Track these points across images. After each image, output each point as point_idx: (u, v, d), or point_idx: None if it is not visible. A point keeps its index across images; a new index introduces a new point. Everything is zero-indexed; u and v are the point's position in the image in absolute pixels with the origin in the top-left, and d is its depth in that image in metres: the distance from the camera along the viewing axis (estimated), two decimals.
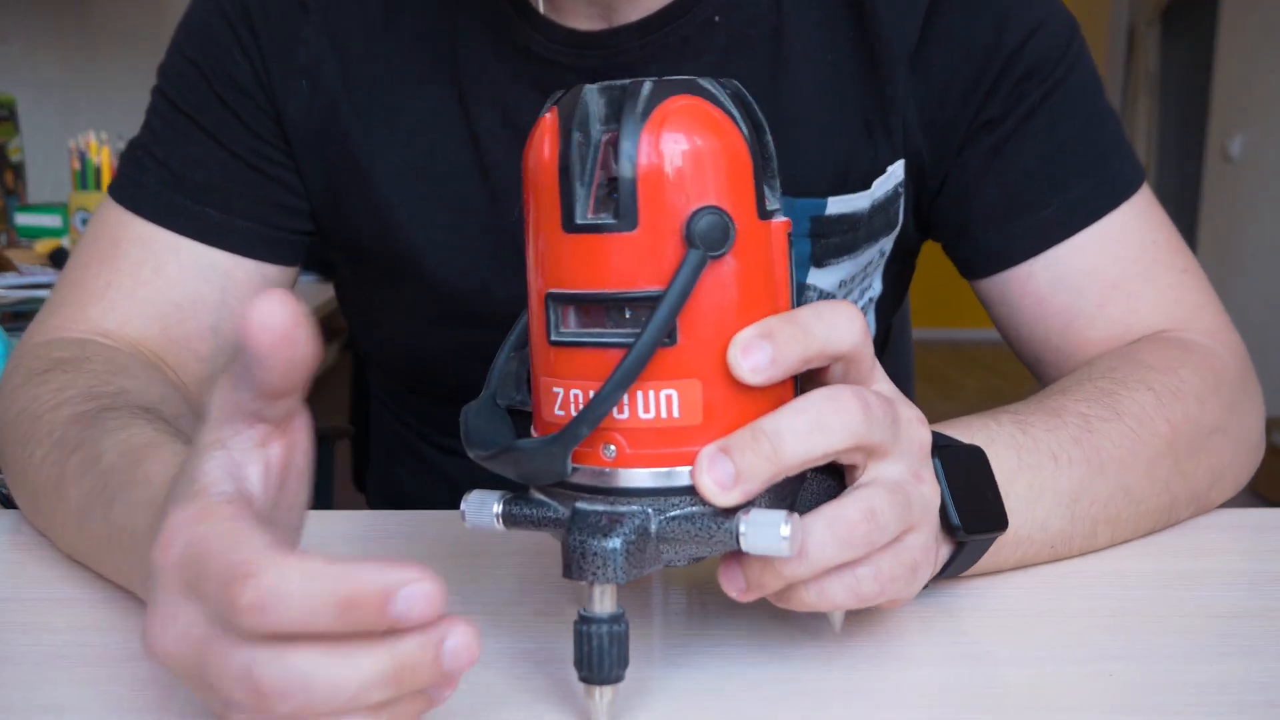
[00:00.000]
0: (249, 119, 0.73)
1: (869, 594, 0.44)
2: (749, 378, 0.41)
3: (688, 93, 0.41)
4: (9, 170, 2.18)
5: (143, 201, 0.73)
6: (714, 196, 0.41)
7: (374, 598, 0.34)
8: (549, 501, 0.44)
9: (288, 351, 0.36)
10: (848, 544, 0.42)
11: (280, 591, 0.34)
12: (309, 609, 0.34)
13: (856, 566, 0.43)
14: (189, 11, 0.76)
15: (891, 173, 0.71)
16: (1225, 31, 4.17)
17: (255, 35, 0.72)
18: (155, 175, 0.74)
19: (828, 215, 0.71)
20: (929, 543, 0.46)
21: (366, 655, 0.35)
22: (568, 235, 0.41)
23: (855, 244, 0.73)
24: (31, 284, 1.54)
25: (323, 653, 0.35)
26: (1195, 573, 0.59)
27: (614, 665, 0.41)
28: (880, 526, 0.43)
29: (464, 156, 0.72)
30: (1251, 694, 0.46)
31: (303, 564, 0.34)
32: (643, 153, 0.40)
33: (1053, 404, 0.61)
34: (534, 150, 0.43)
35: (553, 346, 0.42)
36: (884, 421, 0.43)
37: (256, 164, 0.74)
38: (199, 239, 0.73)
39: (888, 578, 0.44)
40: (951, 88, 0.70)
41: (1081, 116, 0.71)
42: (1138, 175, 0.73)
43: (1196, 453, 0.64)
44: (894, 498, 0.44)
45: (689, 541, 0.42)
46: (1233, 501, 0.69)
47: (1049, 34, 0.70)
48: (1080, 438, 0.58)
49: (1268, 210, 3.85)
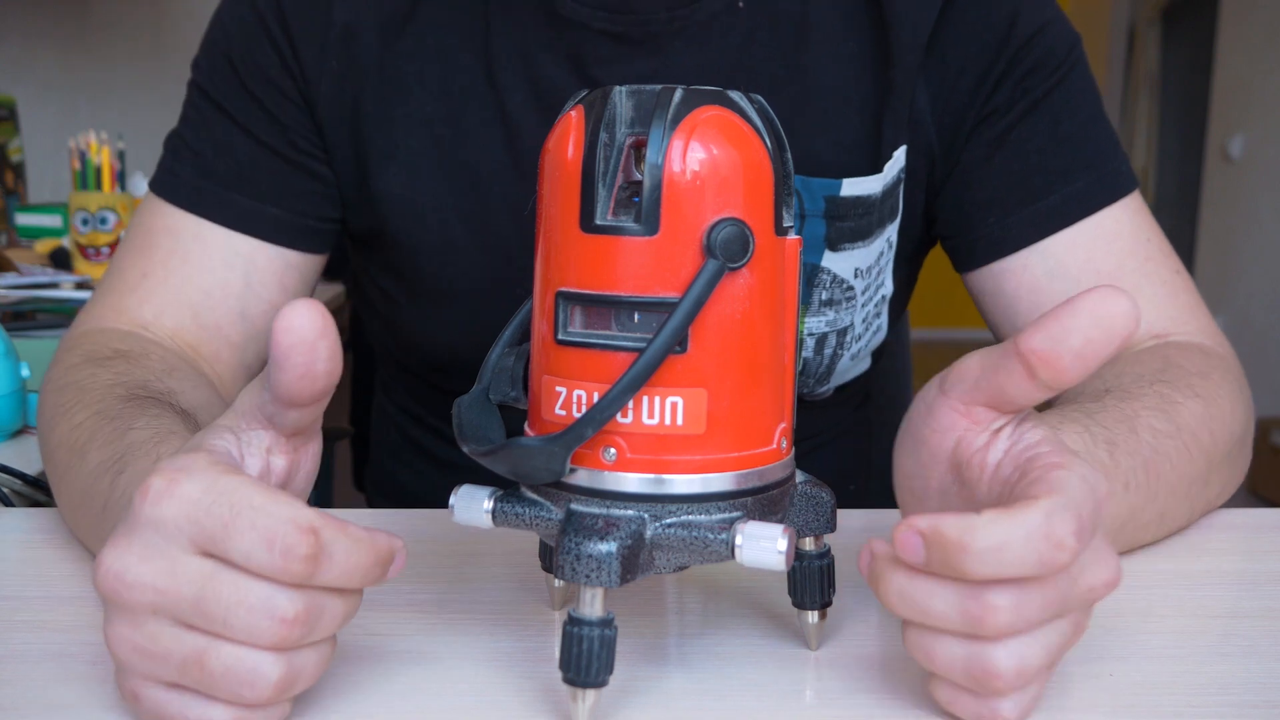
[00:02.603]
0: (278, 110, 0.75)
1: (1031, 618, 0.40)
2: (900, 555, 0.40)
3: (717, 104, 0.42)
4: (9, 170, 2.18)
5: (175, 190, 0.76)
6: (735, 209, 0.41)
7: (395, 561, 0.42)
8: (542, 501, 0.44)
9: (306, 358, 0.39)
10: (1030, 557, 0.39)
11: (339, 550, 0.39)
12: (355, 569, 0.40)
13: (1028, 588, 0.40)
14: (221, 4, 0.78)
15: (897, 158, 0.73)
16: (1225, 31, 4.17)
17: (285, 24, 0.74)
18: (190, 164, 0.76)
19: (843, 196, 0.72)
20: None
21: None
22: (585, 235, 0.41)
23: (869, 229, 0.74)
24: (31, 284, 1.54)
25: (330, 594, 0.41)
26: (1195, 573, 0.59)
27: (601, 669, 0.41)
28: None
29: (491, 130, 0.73)
30: (1251, 694, 0.46)
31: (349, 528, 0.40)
32: (670, 159, 0.40)
33: (1127, 412, 0.59)
34: (556, 146, 0.43)
35: (559, 345, 0.43)
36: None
37: (285, 153, 0.76)
38: (224, 224, 0.75)
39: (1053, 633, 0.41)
40: (963, 78, 0.72)
41: (1083, 115, 0.73)
42: (1132, 178, 0.75)
43: (1225, 460, 0.65)
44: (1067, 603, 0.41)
45: (683, 550, 0.42)
46: (1233, 501, 0.69)
47: (1056, 33, 0.72)
48: (1150, 463, 0.58)
49: (1268, 210, 3.85)
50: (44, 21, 2.99)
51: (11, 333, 1.14)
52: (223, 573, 0.39)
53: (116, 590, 0.40)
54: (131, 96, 2.99)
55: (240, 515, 0.39)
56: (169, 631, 0.40)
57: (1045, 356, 0.41)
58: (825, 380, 0.80)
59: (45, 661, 0.48)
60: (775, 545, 0.40)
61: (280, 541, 0.38)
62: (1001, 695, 0.41)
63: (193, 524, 0.39)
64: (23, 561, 0.61)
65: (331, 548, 0.39)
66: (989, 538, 0.38)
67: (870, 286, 0.77)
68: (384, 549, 0.41)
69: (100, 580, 0.40)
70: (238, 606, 0.39)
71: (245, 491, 0.39)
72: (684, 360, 0.41)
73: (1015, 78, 0.72)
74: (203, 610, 0.39)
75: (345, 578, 0.40)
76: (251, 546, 0.39)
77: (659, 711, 0.45)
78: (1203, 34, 4.49)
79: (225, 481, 0.40)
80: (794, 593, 0.49)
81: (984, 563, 0.38)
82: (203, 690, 0.40)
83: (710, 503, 0.42)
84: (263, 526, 0.38)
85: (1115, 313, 0.40)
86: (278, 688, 0.40)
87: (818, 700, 0.46)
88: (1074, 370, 0.41)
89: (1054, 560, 0.39)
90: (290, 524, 0.39)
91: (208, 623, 0.39)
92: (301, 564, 0.39)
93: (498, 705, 0.45)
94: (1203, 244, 4.16)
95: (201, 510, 0.39)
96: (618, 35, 0.71)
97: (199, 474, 0.40)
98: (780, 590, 0.50)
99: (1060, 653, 0.42)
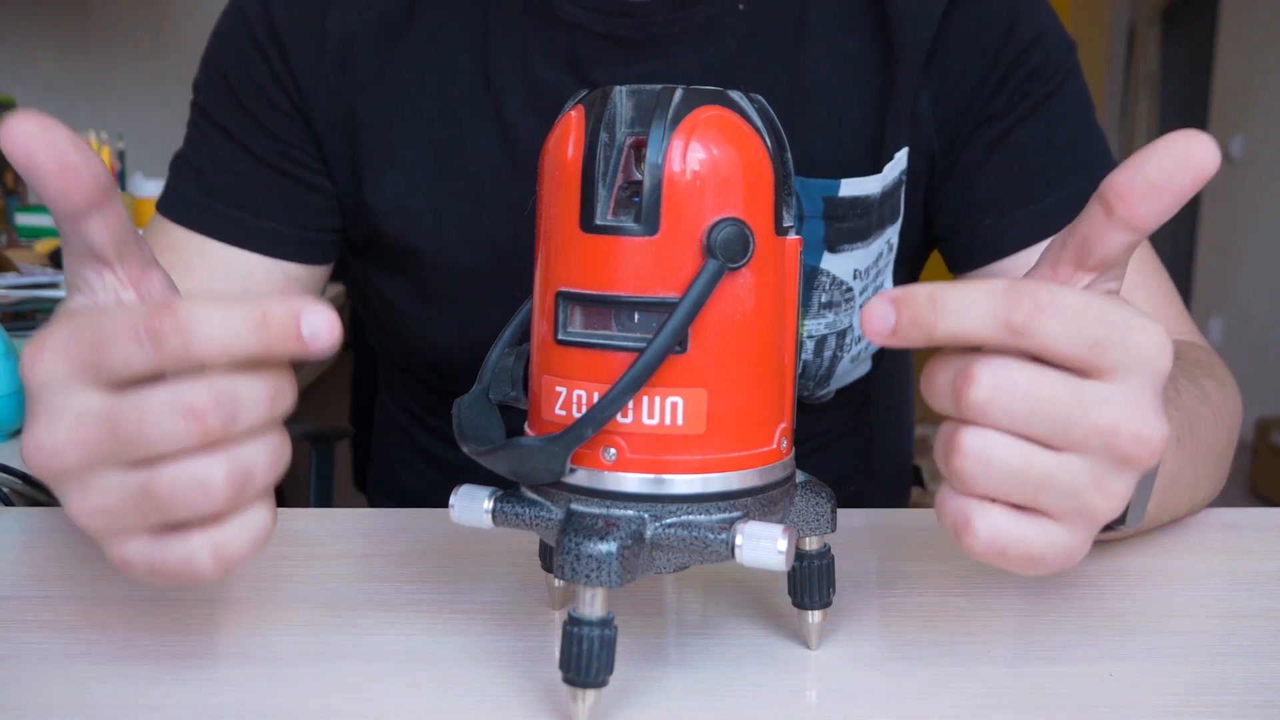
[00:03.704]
0: (273, 125, 0.76)
1: (1020, 496, 0.39)
2: (867, 334, 0.40)
3: (717, 104, 0.42)
4: (9, 170, 2.18)
5: (179, 208, 0.77)
6: (736, 209, 0.41)
7: (287, 318, 0.38)
8: (542, 501, 0.44)
9: (52, 153, 0.38)
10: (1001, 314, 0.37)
11: (201, 315, 0.37)
12: (231, 330, 0.37)
13: (1029, 461, 0.38)
14: (218, 22, 0.79)
15: (898, 159, 0.73)
16: (1225, 31, 4.17)
17: (276, 37, 0.74)
18: (192, 182, 0.77)
19: (841, 197, 0.72)
20: (1122, 489, 0.39)
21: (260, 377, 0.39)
22: (585, 235, 0.41)
23: (868, 230, 0.74)
24: (31, 284, 1.54)
25: (239, 376, 0.39)
26: (1195, 573, 0.59)
27: (601, 669, 0.41)
28: (1050, 399, 0.38)
29: (489, 136, 0.74)
30: (1251, 694, 0.46)
31: (213, 297, 0.38)
32: (670, 159, 0.40)
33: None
34: (556, 146, 0.43)
35: (559, 345, 0.43)
36: (1098, 349, 0.38)
37: (283, 167, 0.76)
38: (224, 240, 0.76)
39: (1052, 494, 0.39)
40: (964, 79, 0.73)
41: (1078, 122, 0.74)
42: None
43: (1226, 453, 0.66)
44: (1098, 420, 0.38)
45: (683, 550, 0.42)
46: (1233, 501, 0.69)
47: (1054, 40, 0.73)
48: (1192, 423, 0.59)
49: (1268, 210, 3.85)
50: (44, 21, 2.99)
51: (11, 333, 1.14)
52: (122, 397, 0.39)
53: (48, 465, 0.40)
54: (131, 96, 2.99)
55: (100, 329, 0.38)
56: (111, 479, 0.39)
57: (1121, 190, 0.39)
58: (825, 383, 0.80)
59: (44, 662, 0.48)
60: (775, 545, 0.40)
61: (143, 329, 0.37)
62: (964, 484, 0.39)
63: (71, 363, 0.39)
64: (22, 561, 0.61)
65: (194, 315, 0.37)
66: (955, 291, 0.38)
67: (869, 288, 0.77)
68: (259, 311, 0.38)
69: (31, 464, 0.40)
70: (147, 417, 0.38)
71: (100, 314, 0.39)
72: (684, 360, 0.41)
73: (1015, 81, 0.72)
74: (121, 439, 0.38)
75: (228, 343, 0.38)
76: (123, 350, 0.38)
77: (659, 711, 0.45)
78: (1203, 34, 4.49)
79: (84, 318, 0.39)
80: (794, 593, 0.49)
81: (945, 311, 0.38)
82: (168, 520, 0.40)
83: (710, 503, 0.42)
84: (123, 325, 0.38)
85: (1194, 147, 0.38)
86: (230, 486, 0.39)
87: (818, 700, 0.46)
88: (1149, 202, 0.38)
89: (1009, 317, 0.37)
90: (144, 311, 0.38)
91: (134, 449, 0.39)
92: (173, 340, 0.37)
93: (497, 705, 0.45)
94: (1203, 244, 4.16)
95: (72, 347, 0.39)
96: (617, 39, 0.72)
97: (60, 323, 0.40)
98: (780, 590, 0.50)
99: (1048, 486, 0.39)
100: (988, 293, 0.38)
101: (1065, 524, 0.40)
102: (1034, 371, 0.38)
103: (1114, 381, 0.38)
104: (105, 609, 0.54)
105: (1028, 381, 0.38)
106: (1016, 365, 0.38)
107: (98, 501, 0.40)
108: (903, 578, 0.58)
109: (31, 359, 0.39)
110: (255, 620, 0.53)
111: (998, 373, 0.38)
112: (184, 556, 0.40)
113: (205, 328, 0.37)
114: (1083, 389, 0.38)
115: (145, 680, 0.47)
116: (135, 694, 0.46)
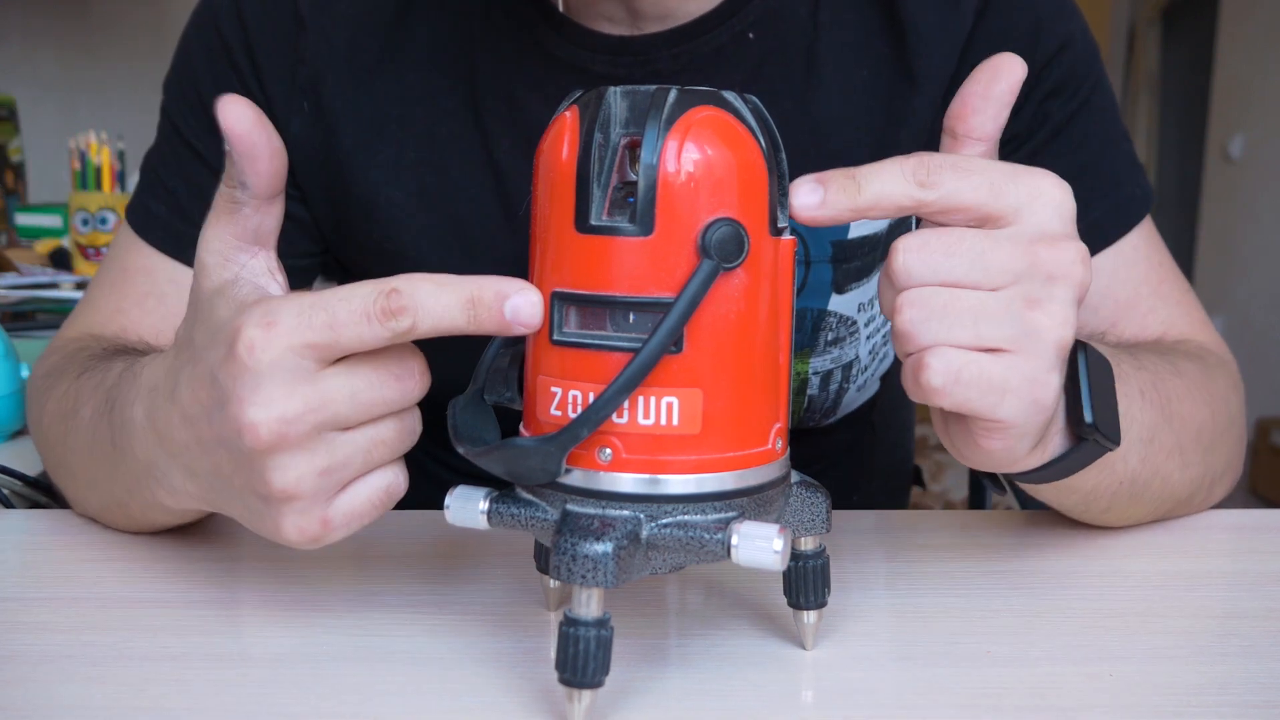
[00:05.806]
0: None
1: (965, 334, 0.44)
2: (797, 213, 0.44)
3: (712, 104, 0.42)
4: (9, 170, 2.18)
5: (151, 229, 0.74)
6: (730, 209, 0.41)
7: (494, 298, 0.42)
8: (537, 502, 0.44)
9: (265, 136, 0.44)
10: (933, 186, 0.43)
11: (424, 295, 0.42)
12: (445, 308, 0.42)
13: (957, 296, 0.44)
14: (188, 30, 0.75)
15: None
16: (1225, 31, 4.17)
17: (253, 60, 0.71)
18: (165, 202, 0.74)
19: (850, 239, 0.70)
20: (1056, 343, 0.44)
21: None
22: (580, 235, 0.41)
23: (873, 265, 0.72)
24: (31, 284, 1.54)
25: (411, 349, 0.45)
26: (1195, 573, 0.59)
27: (597, 670, 0.41)
28: (988, 251, 0.43)
29: (479, 179, 0.70)
30: (1251, 694, 0.46)
31: (428, 277, 0.42)
32: (665, 160, 0.40)
33: (1129, 350, 0.60)
34: (550, 147, 0.43)
35: (554, 345, 0.42)
36: (996, 191, 0.43)
37: None
38: None
39: (993, 323, 0.43)
40: None
41: (1101, 139, 0.71)
42: (1148, 197, 0.73)
43: (1228, 428, 0.65)
44: (1011, 248, 0.43)
45: (679, 550, 0.42)
46: (1233, 501, 0.69)
47: (1078, 48, 0.70)
48: (1157, 383, 0.59)
49: (1268, 210, 3.85)
50: (44, 21, 3.00)
51: (11, 333, 1.14)
52: (354, 369, 0.43)
53: (283, 433, 0.43)
54: (131, 96, 2.99)
55: (334, 312, 0.42)
56: (340, 439, 0.44)
57: (957, 113, 0.47)
58: (832, 414, 0.79)
59: (45, 663, 0.48)
60: (771, 545, 0.40)
61: (376, 310, 0.42)
62: (912, 339, 0.44)
63: (307, 346, 0.42)
64: (23, 564, 0.61)
65: (420, 295, 0.42)
66: (871, 164, 0.43)
67: (875, 318, 0.75)
68: (470, 291, 0.42)
69: (260, 433, 0.43)
70: (384, 380, 0.44)
71: (322, 296, 0.42)
72: (679, 360, 0.41)
73: (1036, 100, 0.69)
74: (360, 404, 0.43)
75: (441, 321, 0.42)
76: (356, 331, 0.42)
77: (656, 712, 0.44)
78: (1203, 34, 4.49)
79: (303, 300, 0.43)
80: (789, 593, 0.49)
81: (864, 177, 0.43)
82: (358, 475, 0.45)
83: (706, 503, 0.42)
84: (357, 307, 0.42)
85: (1000, 60, 0.46)
86: (400, 442, 0.46)
87: (817, 700, 0.46)
88: (981, 113, 0.46)
89: (916, 173, 0.43)
90: (374, 293, 0.42)
91: (368, 412, 0.44)
92: (403, 321, 0.42)
93: (494, 706, 0.45)
94: (1203, 244, 4.16)
95: (307, 331, 0.42)
96: (619, 80, 0.67)
97: (283, 305, 0.43)
98: (776, 590, 0.50)
99: (986, 316, 0.43)
100: (898, 160, 0.44)
101: (1019, 353, 0.44)
102: (946, 230, 0.44)
103: (1020, 220, 0.44)
104: (105, 611, 0.54)
105: (941, 237, 0.43)
106: (931, 230, 0.44)
107: (322, 462, 0.44)
108: (903, 578, 0.58)
109: (261, 342, 0.42)
110: (255, 621, 0.53)
111: (914, 239, 0.44)
112: (376, 496, 0.46)
113: (427, 306, 0.42)
114: (994, 231, 0.44)
115: (145, 681, 0.47)
116: (135, 694, 0.46)
